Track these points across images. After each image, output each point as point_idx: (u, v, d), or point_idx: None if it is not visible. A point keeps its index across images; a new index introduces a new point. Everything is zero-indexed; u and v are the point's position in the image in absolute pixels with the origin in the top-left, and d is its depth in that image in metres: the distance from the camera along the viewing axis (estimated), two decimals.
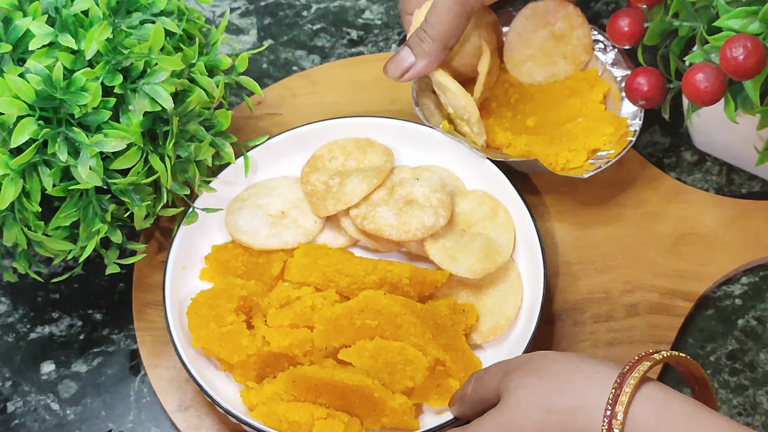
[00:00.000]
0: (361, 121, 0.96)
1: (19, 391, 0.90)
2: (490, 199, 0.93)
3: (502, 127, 0.94)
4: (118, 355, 0.91)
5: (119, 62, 0.81)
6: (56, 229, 0.83)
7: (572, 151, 0.92)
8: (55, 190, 0.79)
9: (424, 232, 0.89)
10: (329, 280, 0.87)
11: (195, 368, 0.83)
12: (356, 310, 0.83)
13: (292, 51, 1.09)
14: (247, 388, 0.84)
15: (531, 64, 0.97)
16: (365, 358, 0.82)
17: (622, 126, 0.92)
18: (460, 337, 0.85)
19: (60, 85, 0.78)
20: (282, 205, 0.93)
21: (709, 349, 0.91)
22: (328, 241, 0.92)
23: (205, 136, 0.88)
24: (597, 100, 0.95)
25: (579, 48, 0.97)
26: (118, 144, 0.79)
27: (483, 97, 0.94)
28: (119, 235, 0.86)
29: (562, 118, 0.95)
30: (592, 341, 0.89)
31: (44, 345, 0.92)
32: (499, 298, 0.89)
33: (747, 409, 0.88)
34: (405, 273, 0.86)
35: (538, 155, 0.91)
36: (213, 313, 0.84)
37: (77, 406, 0.89)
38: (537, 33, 0.97)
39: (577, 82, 0.97)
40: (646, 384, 0.68)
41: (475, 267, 0.87)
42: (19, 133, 0.77)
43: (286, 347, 0.83)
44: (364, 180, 0.91)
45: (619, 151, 0.91)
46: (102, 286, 0.94)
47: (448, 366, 0.82)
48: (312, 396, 0.82)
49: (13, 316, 0.93)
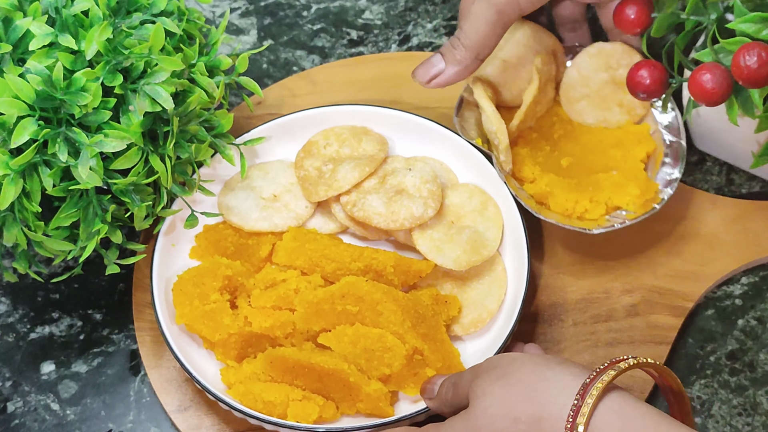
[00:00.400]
0: (359, 109, 0.97)
1: (19, 391, 0.90)
2: (481, 193, 0.93)
3: (534, 161, 0.92)
4: (118, 355, 0.91)
5: (119, 62, 0.81)
6: (56, 230, 0.83)
7: (593, 202, 0.89)
8: (55, 190, 0.79)
9: (412, 222, 0.89)
10: (315, 264, 0.88)
11: (178, 345, 0.84)
12: (338, 295, 0.84)
13: (292, 51, 1.09)
14: (227, 366, 0.86)
15: (585, 104, 0.94)
16: (344, 343, 0.83)
17: (651, 191, 0.90)
18: (441, 327, 0.86)
19: (60, 85, 0.78)
20: (275, 189, 0.94)
21: (709, 349, 0.91)
22: (318, 226, 0.93)
23: (205, 136, 0.88)
24: (639, 157, 0.92)
25: (636, 100, 0.92)
26: (118, 144, 0.79)
27: (524, 125, 0.93)
28: (119, 235, 0.86)
29: (597, 166, 0.93)
30: (592, 341, 0.89)
31: (44, 345, 0.92)
32: (482, 292, 0.89)
33: (747, 410, 0.88)
34: (390, 261, 0.87)
35: (557, 197, 0.89)
36: (198, 291, 0.85)
37: (77, 406, 0.89)
38: (598, 74, 0.93)
39: (626, 134, 0.94)
40: (610, 394, 0.67)
41: (460, 259, 0.88)
42: (20, 134, 0.77)
43: (267, 328, 0.84)
44: (357, 167, 0.92)
45: (639, 215, 0.88)
46: (102, 286, 0.94)
47: (426, 355, 0.83)
48: (289, 377, 0.83)
49: (13, 316, 0.93)
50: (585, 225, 0.88)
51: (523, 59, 0.93)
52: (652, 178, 0.91)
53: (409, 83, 1.03)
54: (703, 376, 0.90)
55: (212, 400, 0.86)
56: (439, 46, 1.08)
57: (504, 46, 0.93)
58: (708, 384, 0.89)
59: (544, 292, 0.92)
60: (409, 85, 1.02)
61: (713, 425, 0.87)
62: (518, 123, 0.91)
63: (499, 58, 0.93)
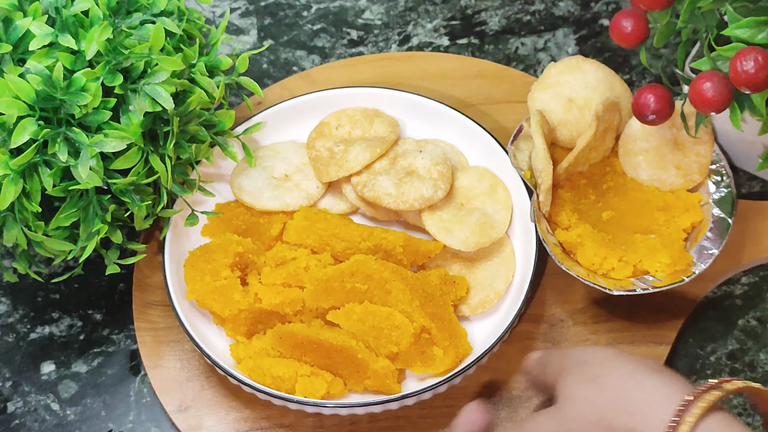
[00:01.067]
0: (371, 91, 0.97)
1: (20, 392, 0.90)
2: (491, 176, 0.94)
3: (574, 207, 0.90)
4: (118, 355, 0.91)
5: (119, 62, 0.81)
6: (56, 230, 0.83)
7: (622, 261, 0.87)
8: (55, 191, 0.79)
9: (421, 203, 0.90)
10: (325, 243, 0.89)
11: (189, 320, 0.85)
12: (347, 273, 0.85)
13: (293, 51, 1.09)
14: (237, 342, 0.86)
15: (642, 159, 0.91)
16: (353, 321, 0.84)
17: (683, 262, 0.87)
18: (448, 307, 0.86)
19: (60, 85, 0.78)
20: (286, 169, 0.95)
21: (710, 349, 0.91)
22: (329, 206, 0.94)
23: (205, 136, 0.88)
24: (682, 226, 0.90)
25: (694, 165, 0.90)
26: (118, 144, 0.80)
27: (574, 169, 0.91)
28: (119, 235, 0.86)
29: (638, 226, 0.90)
30: (592, 341, 0.89)
31: (44, 345, 0.92)
32: (490, 273, 0.90)
33: (747, 409, 0.88)
34: (399, 241, 0.88)
35: (586, 250, 0.87)
36: (209, 267, 0.86)
37: (77, 406, 0.89)
38: (660, 131, 0.91)
39: (675, 200, 0.91)
40: (712, 415, 0.62)
41: (469, 240, 0.89)
42: (20, 134, 0.77)
43: (277, 305, 0.85)
44: (368, 149, 0.92)
45: (666, 285, 0.86)
46: (102, 286, 0.94)
47: (434, 334, 0.84)
48: (298, 353, 0.84)
49: (14, 317, 0.93)
50: (607, 283, 0.86)
51: (590, 102, 0.91)
52: (689, 249, 0.88)
53: (409, 83, 1.03)
54: (704, 376, 0.90)
55: (212, 400, 0.86)
56: (439, 47, 1.09)
57: (574, 86, 0.92)
58: None
59: (546, 292, 0.92)
60: (409, 85, 1.03)
61: None
62: (567, 166, 0.89)
63: (566, 96, 0.92)
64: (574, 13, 1.11)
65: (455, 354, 0.84)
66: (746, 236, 0.94)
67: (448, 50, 1.09)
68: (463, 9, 1.11)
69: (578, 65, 0.93)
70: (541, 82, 0.93)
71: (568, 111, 0.92)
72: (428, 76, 1.04)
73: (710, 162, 0.91)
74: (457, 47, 1.09)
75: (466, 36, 1.09)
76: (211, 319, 0.88)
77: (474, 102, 1.02)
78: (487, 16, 1.11)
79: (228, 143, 0.91)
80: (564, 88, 0.92)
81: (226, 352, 0.86)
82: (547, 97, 0.92)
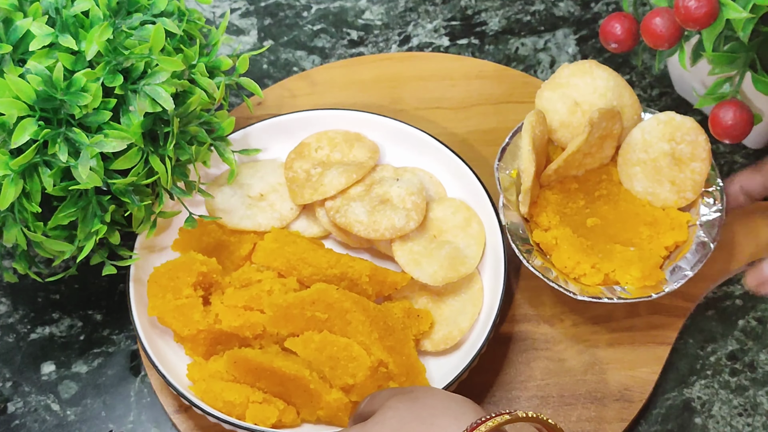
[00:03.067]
0: (354, 115, 0.96)
1: (20, 392, 0.90)
2: (466, 209, 0.93)
3: (557, 210, 0.90)
4: (118, 355, 0.91)
5: (120, 63, 0.81)
6: (55, 229, 0.83)
7: (594, 268, 0.87)
8: (55, 190, 0.79)
9: (392, 232, 0.89)
10: (293, 267, 0.88)
11: (149, 336, 0.85)
12: (308, 300, 0.84)
13: (293, 52, 1.09)
14: (195, 362, 0.86)
15: (639, 170, 0.91)
16: (310, 349, 0.83)
17: (654, 279, 0.86)
18: (409, 341, 0.85)
19: (60, 85, 0.78)
20: (263, 188, 0.94)
21: (710, 349, 0.91)
22: (302, 229, 0.93)
23: (205, 138, 0.88)
24: (665, 244, 0.89)
25: (689, 182, 0.89)
26: (118, 144, 0.79)
27: (566, 172, 0.91)
28: (117, 236, 0.86)
29: (620, 237, 0.90)
30: (592, 341, 0.89)
31: (44, 345, 0.92)
32: (456, 309, 0.89)
33: (747, 410, 0.88)
34: (366, 271, 0.87)
35: (561, 253, 0.87)
36: (171, 285, 0.86)
37: (77, 406, 0.89)
38: (660, 143, 0.90)
39: (664, 217, 0.90)
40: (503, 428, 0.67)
41: (437, 274, 0.88)
42: (20, 134, 0.77)
43: (236, 328, 0.84)
44: (344, 174, 0.92)
45: (632, 298, 0.85)
46: (102, 286, 0.94)
47: (391, 369, 0.83)
48: (251, 379, 0.83)
49: (14, 317, 0.93)
50: (576, 287, 0.86)
51: (595, 107, 0.90)
52: (666, 267, 0.87)
53: (409, 83, 1.03)
54: (704, 377, 0.90)
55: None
56: (440, 47, 1.09)
57: (582, 89, 0.91)
58: (708, 384, 0.89)
59: (545, 292, 0.92)
60: (409, 85, 1.03)
61: (713, 426, 0.87)
62: (556, 168, 0.89)
63: (573, 98, 0.91)
64: (574, 14, 1.11)
65: None
66: (746, 237, 0.94)
67: (448, 50, 1.09)
68: (463, 9, 1.11)
69: (590, 70, 0.92)
70: (551, 81, 0.93)
71: (572, 113, 0.91)
72: (428, 76, 1.04)
73: (705, 180, 0.90)
74: (457, 47, 1.09)
75: (466, 36, 1.10)
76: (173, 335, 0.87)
77: (474, 102, 1.02)
78: (487, 17, 1.11)
79: (226, 149, 0.91)
80: (572, 90, 0.92)
81: (184, 371, 0.85)
82: (555, 97, 0.92)
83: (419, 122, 1.00)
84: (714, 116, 0.85)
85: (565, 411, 0.86)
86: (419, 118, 1.01)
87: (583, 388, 0.87)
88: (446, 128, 1.01)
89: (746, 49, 0.83)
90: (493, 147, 0.98)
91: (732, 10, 0.78)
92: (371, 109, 1.00)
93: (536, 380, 0.88)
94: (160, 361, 0.84)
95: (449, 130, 1.00)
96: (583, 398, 0.87)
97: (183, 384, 0.84)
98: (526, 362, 0.89)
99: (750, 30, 0.79)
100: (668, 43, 0.81)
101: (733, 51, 0.83)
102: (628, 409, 0.86)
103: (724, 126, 0.85)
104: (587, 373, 0.88)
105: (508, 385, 0.87)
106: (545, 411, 0.86)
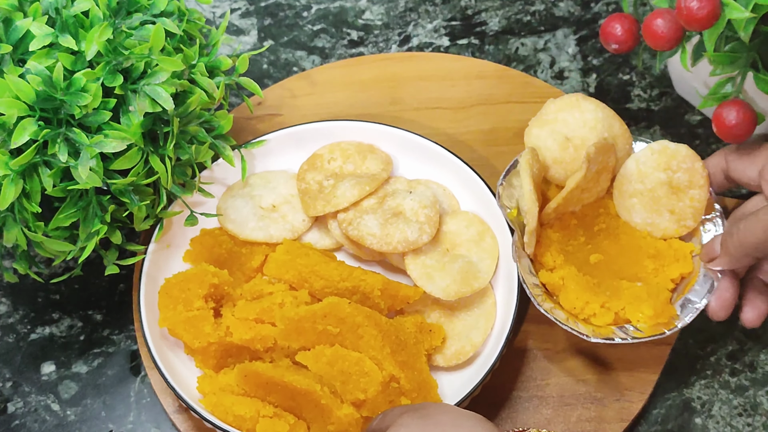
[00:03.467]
0: (367, 126, 0.96)
1: (20, 392, 0.90)
2: (480, 223, 0.92)
3: (561, 248, 0.88)
4: (118, 355, 0.91)
5: (120, 63, 0.81)
6: (56, 230, 0.83)
7: (604, 307, 0.85)
8: (55, 191, 0.79)
9: (405, 246, 0.88)
10: (304, 280, 0.87)
11: (158, 347, 0.84)
12: (320, 314, 0.83)
13: (293, 52, 1.09)
14: (205, 375, 0.85)
15: (636, 201, 0.89)
16: (322, 364, 0.82)
17: (666, 315, 0.84)
18: (421, 356, 0.85)
19: (60, 85, 0.78)
20: (275, 199, 0.93)
21: (710, 349, 0.91)
22: (314, 241, 0.92)
23: (205, 137, 0.88)
24: (670, 276, 0.87)
25: (688, 210, 0.88)
26: (118, 145, 0.79)
27: (565, 209, 0.89)
28: (119, 235, 0.86)
29: (625, 272, 0.88)
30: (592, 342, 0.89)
31: (44, 346, 0.92)
32: (469, 323, 0.88)
33: (747, 410, 0.88)
34: (378, 285, 0.86)
35: (568, 293, 0.85)
36: (183, 296, 0.85)
37: (77, 406, 0.89)
38: (656, 173, 0.89)
39: (667, 248, 0.88)
40: None
41: (450, 289, 0.87)
42: (20, 134, 0.77)
43: (247, 341, 0.84)
44: (357, 186, 0.91)
45: (646, 336, 0.84)
46: (102, 286, 0.94)
47: (402, 384, 0.82)
48: (262, 393, 0.83)
49: (14, 317, 0.93)
50: (587, 329, 0.85)
51: (587, 142, 0.89)
52: (674, 301, 0.86)
53: (409, 83, 1.03)
54: (704, 377, 0.90)
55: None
56: (440, 47, 1.09)
57: (571, 124, 0.90)
58: (708, 384, 0.89)
59: None
60: (409, 85, 1.03)
61: (714, 426, 0.87)
62: (556, 206, 0.87)
63: (563, 134, 0.90)
64: (574, 14, 1.11)
65: None
66: None
67: (448, 51, 1.09)
68: (463, 9, 1.11)
69: (577, 103, 0.91)
70: (539, 119, 0.91)
71: (564, 149, 0.90)
72: (428, 76, 1.04)
73: (704, 207, 0.89)
74: (457, 47, 1.09)
75: (466, 36, 1.09)
76: (183, 347, 0.87)
77: (474, 102, 1.02)
78: (487, 17, 1.11)
79: (226, 147, 0.91)
80: (561, 125, 0.90)
81: (194, 383, 0.85)
82: (544, 134, 0.90)
83: (419, 122, 1.00)
84: (717, 116, 0.85)
85: (565, 411, 0.86)
86: (419, 118, 1.01)
87: (583, 389, 0.87)
88: (446, 128, 1.00)
89: (747, 48, 0.83)
90: (493, 147, 0.98)
91: (734, 10, 0.78)
92: (372, 112, 1.00)
93: (536, 380, 0.88)
94: (170, 373, 0.83)
95: (449, 131, 1.00)
96: (583, 398, 0.87)
97: (193, 397, 0.83)
98: (526, 362, 0.89)
99: (751, 30, 0.79)
100: (669, 44, 0.81)
101: (735, 51, 0.83)
102: (628, 409, 0.86)
103: (727, 126, 0.84)
104: (587, 373, 0.88)
105: (508, 385, 0.87)
106: (545, 411, 0.86)
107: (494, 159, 0.98)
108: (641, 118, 1.03)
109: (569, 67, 1.07)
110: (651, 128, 1.02)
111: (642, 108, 1.04)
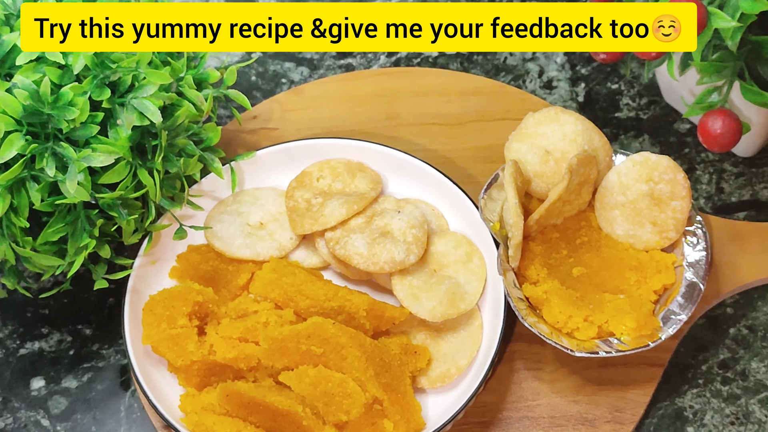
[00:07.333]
0: (357, 144, 0.95)
1: (9, 408, 0.89)
2: (468, 244, 0.91)
3: (544, 262, 0.88)
4: (108, 370, 0.91)
5: (107, 77, 0.80)
6: (44, 245, 0.82)
7: (587, 321, 0.84)
8: (43, 205, 0.79)
9: (392, 266, 0.88)
10: (290, 299, 0.87)
11: (141, 365, 0.84)
12: (303, 334, 0.83)
13: (281, 63, 1.09)
14: (188, 393, 0.85)
15: (618, 213, 0.89)
16: (305, 384, 0.82)
17: (650, 327, 0.84)
18: (405, 378, 0.84)
19: (47, 100, 0.78)
20: (262, 217, 0.93)
21: (701, 358, 0.91)
22: (301, 259, 0.92)
23: (194, 150, 0.88)
24: (653, 288, 0.87)
25: (670, 221, 0.88)
26: (106, 159, 0.79)
27: (547, 221, 0.89)
28: (107, 250, 0.85)
29: (608, 285, 0.88)
30: (583, 362, 0.88)
31: (34, 361, 0.91)
32: (455, 346, 0.87)
33: (739, 418, 0.88)
34: (363, 305, 0.86)
35: (551, 307, 0.85)
36: (167, 314, 0.85)
37: (67, 422, 0.89)
38: (638, 184, 0.88)
39: (649, 260, 0.88)
40: None
41: (436, 310, 0.86)
42: (7, 149, 0.77)
43: (231, 359, 0.84)
44: (344, 204, 0.91)
45: (630, 349, 0.83)
46: (91, 301, 0.94)
47: (386, 406, 0.82)
48: (244, 413, 0.82)
49: (3, 332, 0.93)
50: (570, 343, 0.84)
51: (567, 155, 0.89)
52: (657, 313, 0.86)
53: (405, 99, 1.03)
54: (696, 386, 0.89)
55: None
56: (428, 58, 1.09)
57: (551, 137, 0.90)
58: (700, 393, 0.89)
59: None
60: (405, 101, 1.02)
61: None
62: (538, 218, 0.87)
63: (543, 148, 0.90)
64: None
65: (406, 429, 0.81)
66: (741, 258, 0.92)
67: (436, 61, 1.09)
68: None
69: (557, 117, 0.91)
70: (518, 133, 0.91)
71: (544, 163, 0.90)
72: (424, 92, 1.03)
73: (687, 218, 0.88)
74: (446, 58, 1.09)
75: None
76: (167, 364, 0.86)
77: (470, 119, 1.02)
78: None
79: (214, 160, 0.90)
80: (541, 139, 0.90)
81: (178, 401, 0.85)
82: (524, 148, 0.90)
83: (414, 138, 0.99)
84: (703, 125, 0.85)
85: None
86: (414, 134, 1.01)
87: (574, 409, 0.87)
88: (441, 145, 1.00)
89: (734, 58, 0.83)
90: (489, 164, 0.98)
91: (720, 19, 0.78)
92: (367, 127, 1.00)
93: (527, 401, 0.87)
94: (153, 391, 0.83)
95: (444, 147, 1.00)
96: (574, 419, 0.86)
97: (175, 415, 0.83)
98: (517, 382, 0.88)
99: (738, 39, 0.79)
100: (656, 53, 0.81)
101: (722, 60, 0.84)
102: (620, 430, 0.86)
103: (713, 135, 0.85)
104: (578, 394, 0.87)
105: (498, 405, 0.87)
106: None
107: (489, 177, 0.97)
108: (630, 127, 1.03)
109: (558, 77, 1.07)
110: (640, 137, 1.02)
111: (631, 117, 1.04)
